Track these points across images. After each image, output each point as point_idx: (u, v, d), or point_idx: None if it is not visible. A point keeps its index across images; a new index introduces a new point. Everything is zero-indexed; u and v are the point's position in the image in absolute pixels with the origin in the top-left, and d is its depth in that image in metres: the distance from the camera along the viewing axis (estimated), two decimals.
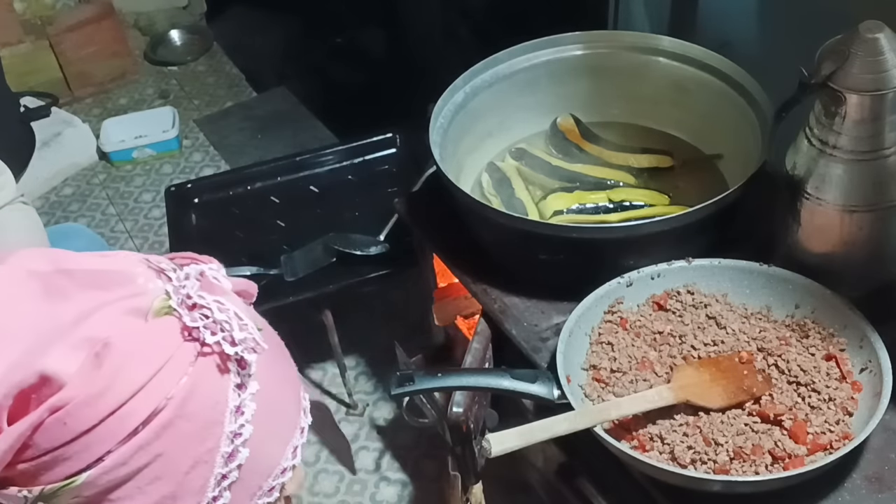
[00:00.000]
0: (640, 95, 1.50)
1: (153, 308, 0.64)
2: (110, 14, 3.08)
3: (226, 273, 0.72)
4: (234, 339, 0.64)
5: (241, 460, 0.65)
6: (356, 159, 2.09)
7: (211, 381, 0.64)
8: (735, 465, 1.00)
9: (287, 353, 0.75)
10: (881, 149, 1.05)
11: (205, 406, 0.63)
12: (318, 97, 2.92)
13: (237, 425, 0.65)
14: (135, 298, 0.63)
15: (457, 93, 1.44)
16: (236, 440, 0.65)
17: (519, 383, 1.10)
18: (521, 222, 1.26)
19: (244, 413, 0.65)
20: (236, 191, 2.05)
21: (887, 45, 1.01)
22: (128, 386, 0.60)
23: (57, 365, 0.58)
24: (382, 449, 1.93)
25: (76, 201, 2.74)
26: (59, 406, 0.58)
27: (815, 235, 1.14)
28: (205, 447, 0.63)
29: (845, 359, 1.09)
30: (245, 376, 0.65)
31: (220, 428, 0.64)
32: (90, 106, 3.10)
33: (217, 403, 0.64)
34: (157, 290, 0.65)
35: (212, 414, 0.64)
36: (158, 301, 0.64)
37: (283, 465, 0.70)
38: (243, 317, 0.65)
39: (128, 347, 0.60)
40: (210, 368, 0.64)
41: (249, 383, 0.66)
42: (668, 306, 1.18)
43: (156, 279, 0.66)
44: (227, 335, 0.64)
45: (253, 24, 3.13)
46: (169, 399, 0.61)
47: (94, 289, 0.63)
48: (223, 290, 0.67)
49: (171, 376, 0.62)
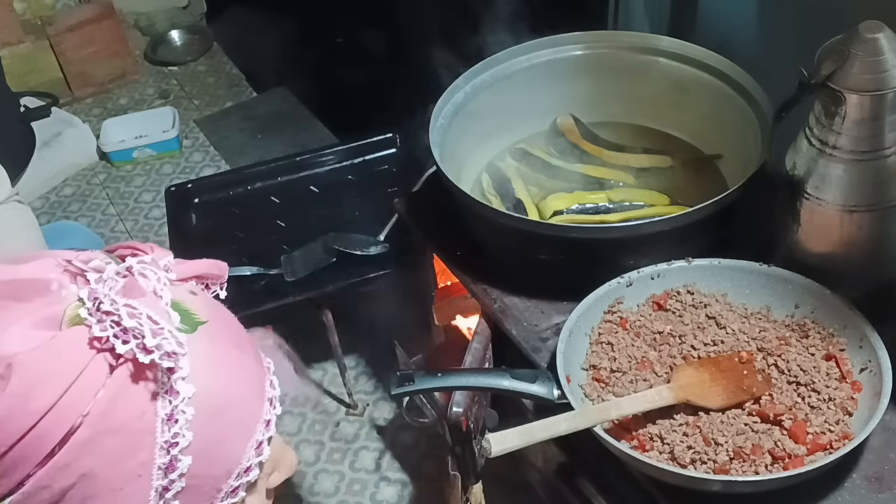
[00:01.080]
0: (640, 95, 1.50)
1: (66, 317, 0.60)
2: (110, 14, 3.09)
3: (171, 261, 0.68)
4: (146, 347, 0.59)
5: (183, 469, 0.62)
6: (356, 159, 2.09)
7: (132, 392, 0.60)
8: (735, 464, 1.00)
9: (246, 343, 0.70)
10: (881, 149, 1.05)
11: (129, 418, 0.60)
12: (318, 97, 2.92)
13: (171, 434, 0.61)
14: (48, 308, 0.60)
15: (457, 93, 1.44)
16: (172, 450, 0.61)
17: (519, 383, 1.10)
18: (521, 222, 1.26)
19: (178, 421, 0.61)
20: (236, 191, 2.05)
21: (887, 45, 1.01)
22: (36, 406, 0.56)
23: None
24: (382, 449, 1.94)
25: (76, 201, 2.74)
26: None
27: (815, 235, 1.14)
28: (137, 461, 0.60)
29: (845, 359, 1.09)
30: (176, 381, 0.61)
31: (151, 439, 0.60)
32: (90, 106, 3.10)
33: (144, 414, 0.60)
34: (71, 296, 0.61)
35: (139, 425, 0.60)
36: (71, 309, 0.60)
37: (244, 464, 0.66)
38: (158, 319, 0.60)
39: (32, 366, 0.57)
40: (129, 379, 0.60)
41: (182, 388, 0.61)
42: (668, 306, 1.18)
43: (69, 284, 0.62)
44: (139, 342, 0.59)
45: (253, 24, 3.13)
46: (85, 416, 0.58)
47: (12, 301, 0.59)
48: (141, 291, 0.62)
49: (84, 392, 0.58)
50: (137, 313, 0.60)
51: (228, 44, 3.31)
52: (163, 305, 0.63)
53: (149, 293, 0.62)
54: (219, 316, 0.69)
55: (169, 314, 0.63)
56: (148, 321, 0.60)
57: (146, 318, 0.60)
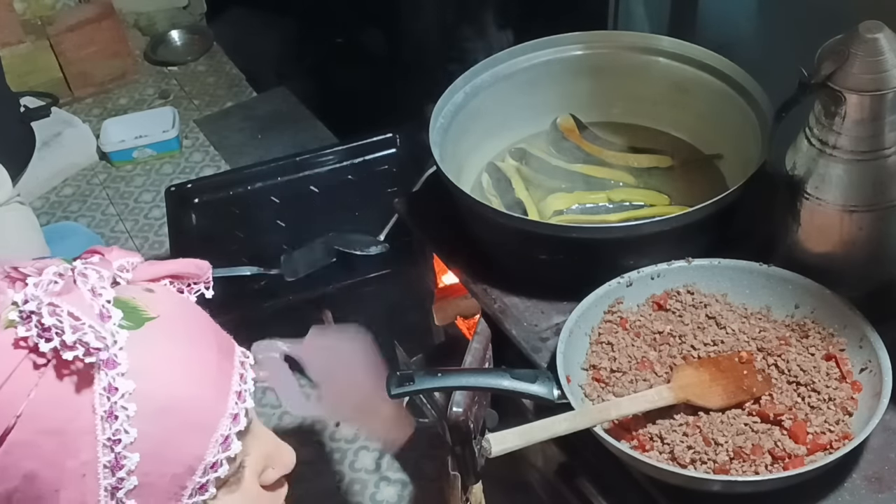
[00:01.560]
0: (640, 95, 1.50)
1: (2, 321, 0.60)
2: (110, 14, 3.08)
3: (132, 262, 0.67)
4: (65, 343, 0.58)
5: (131, 466, 0.61)
6: (356, 159, 2.09)
7: (66, 391, 0.59)
8: (735, 464, 1.00)
9: (207, 339, 0.68)
10: (881, 149, 1.05)
11: (65, 417, 0.59)
12: (318, 97, 2.92)
13: (112, 431, 0.60)
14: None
15: (457, 93, 1.44)
16: (116, 447, 0.60)
17: (519, 383, 1.10)
18: (521, 222, 1.26)
19: (118, 417, 0.60)
20: (236, 191, 2.05)
21: (887, 45, 1.01)
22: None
23: None
24: (382, 449, 1.93)
25: (76, 201, 2.74)
26: None
27: (815, 235, 1.14)
28: (78, 460, 0.59)
29: (845, 359, 1.09)
30: (114, 377, 0.60)
31: (91, 437, 0.60)
32: (90, 106, 3.10)
33: (80, 412, 0.59)
34: (6, 300, 0.61)
35: (77, 424, 0.59)
36: (5, 313, 0.61)
37: (209, 459, 0.64)
38: (80, 315, 0.59)
39: None
40: (60, 378, 0.59)
41: (121, 384, 0.60)
42: (668, 306, 1.18)
43: (7, 289, 0.62)
44: (60, 340, 0.58)
45: (253, 24, 3.13)
46: (18, 416, 0.57)
47: None
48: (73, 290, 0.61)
49: (15, 392, 0.58)
50: (59, 311, 0.59)
51: (228, 44, 3.31)
52: (96, 302, 0.62)
53: (84, 291, 0.62)
54: (176, 312, 0.68)
55: (105, 311, 0.62)
56: (68, 317, 0.59)
57: (66, 314, 0.59)
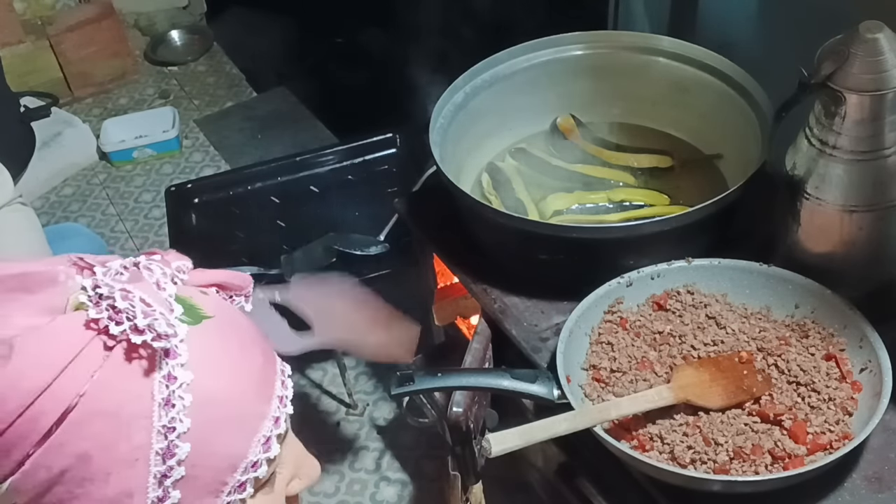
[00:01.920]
0: (640, 95, 1.50)
1: (70, 304, 0.62)
2: (110, 14, 3.08)
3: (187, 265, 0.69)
4: (137, 327, 0.60)
5: (182, 456, 0.61)
6: (356, 159, 2.09)
7: (127, 374, 0.60)
8: (735, 464, 1.00)
9: (256, 344, 0.70)
10: (881, 149, 1.05)
11: (124, 401, 0.60)
12: (318, 97, 2.92)
13: (168, 419, 0.61)
14: (53, 298, 0.62)
15: (457, 93, 1.44)
16: (170, 435, 0.61)
17: (519, 383, 1.10)
18: (521, 222, 1.26)
19: (175, 405, 0.61)
20: (236, 191, 2.05)
21: (887, 45, 1.01)
22: (34, 384, 0.57)
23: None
24: (382, 449, 1.93)
25: (76, 201, 2.74)
26: None
27: (815, 235, 1.14)
28: (132, 444, 0.60)
29: (845, 359, 1.09)
30: (174, 366, 0.62)
31: (147, 422, 0.60)
32: (90, 106, 3.10)
33: (140, 397, 0.60)
34: (76, 286, 0.63)
35: (134, 408, 0.60)
36: (73, 297, 0.62)
37: (251, 458, 0.65)
38: (151, 302, 0.61)
39: (31, 347, 0.58)
40: (125, 361, 0.60)
41: (180, 373, 0.62)
42: (668, 306, 1.18)
43: (75, 276, 0.63)
44: (132, 323, 0.60)
45: (253, 24, 3.13)
46: (81, 395, 0.58)
47: (19, 293, 0.61)
48: (142, 280, 0.63)
49: (79, 372, 0.59)
50: (131, 296, 0.61)
51: (228, 44, 3.31)
52: (164, 295, 0.64)
53: (150, 283, 0.64)
54: (228, 315, 0.70)
55: (170, 304, 0.64)
56: (140, 303, 0.60)
57: (139, 300, 0.61)
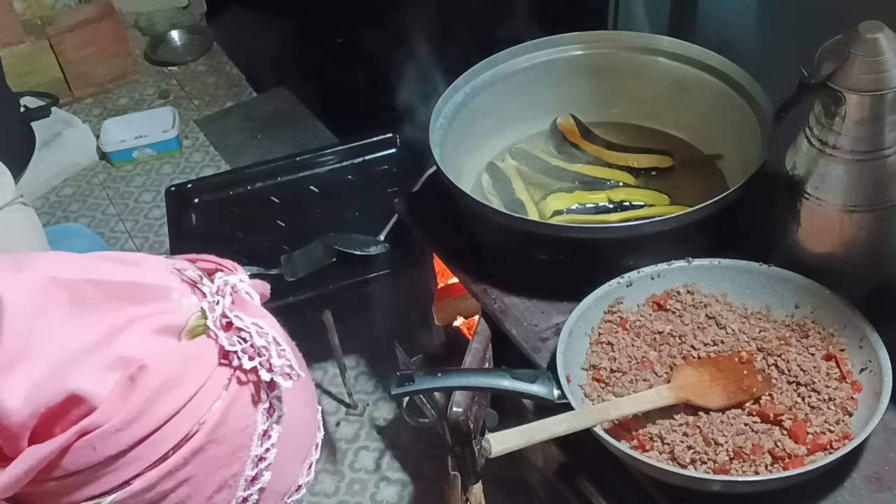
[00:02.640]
0: (640, 95, 1.50)
1: (188, 327, 0.61)
2: (110, 14, 3.08)
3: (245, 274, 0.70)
4: (271, 365, 0.62)
5: (264, 483, 0.64)
6: (356, 159, 2.09)
7: (242, 406, 0.62)
8: (735, 464, 1.00)
9: (306, 367, 0.72)
10: (881, 149, 1.05)
11: (235, 430, 0.61)
12: (318, 97, 2.91)
13: (263, 449, 0.63)
14: (168, 315, 0.61)
15: (457, 93, 1.44)
16: (260, 464, 0.63)
17: (519, 383, 1.10)
18: (521, 222, 1.26)
19: (271, 437, 0.64)
20: (236, 191, 2.04)
21: (887, 45, 1.01)
22: (162, 411, 0.57)
23: (88, 385, 0.55)
24: (382, 449, 1.93)
25: (76, 201, 2.74)
26: (90, 430, 0.55)
27: (815, 235, 1.14)
28: (231, 471, 0.62)
29: (845, 359, 1.09)
30: (274, 399, 0.64)
31: (246, 452, 0.62)
32: (90, 106, 3.10)
33: (247, 427, 0.62)
34: (192, 306, 0.62)
35: (241, 438, 0.62)
36: (193, 319, 0.62)
37: (298, 482, 0.69)
38: (281, 342, 0.63)
39: (164, 371, 0.58)
40: (243, 393, 0.62)
41: (279, 407, 0.64)
42: (668, 306, 1.18)
43: (190, 294, 0.63)
44: (264, 360, 0.61)
45: (253, 24, 3.13)
46: (202, 424, 0.59)
47: (125, 302, 0.60)
48: (258, 309, 0.64)
49: (205, 401, 0.60)
50: (265, 333, 0.62)
51: (228, 44, 3.31)
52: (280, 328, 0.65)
53: (264, 313, 0.65)
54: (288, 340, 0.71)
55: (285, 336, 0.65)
56: (273, 342, 0.62)
57: (272, 338, 0.62)
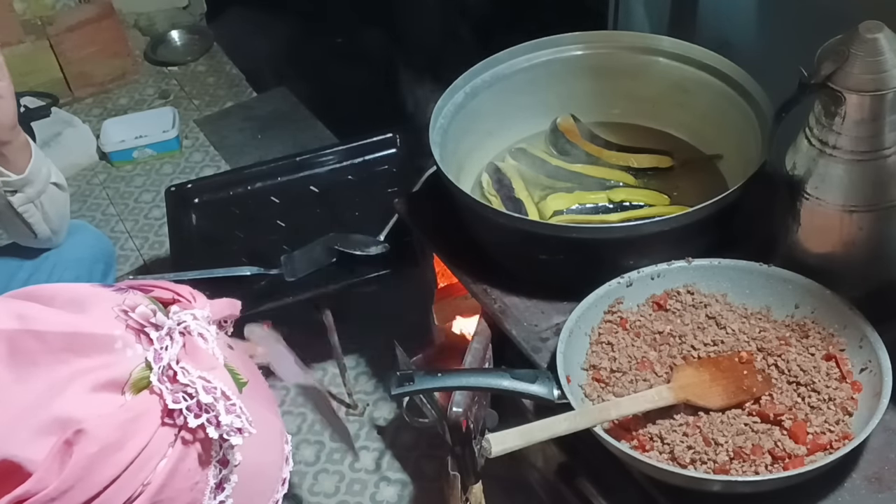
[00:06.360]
0: (640, 95, 1.50)
1: (131, 380, 0.58)
2: (110, 14, 3.08)
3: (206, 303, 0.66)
4: (219, 422, 0.58)
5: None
6: (356, 159, 2.09)
7: (190, 462, 0.59)
8: (735, 465, 1.00)
9: (270, 397, 0.69)
10: (881, 149, 1.05)
11: (184, 488, 0.59)
12: (318, 97, 2.91)
13: (217, 502, 0.61)
14: (111, 369, 0.58)
15: (457, 93, 1.44)
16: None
17: (519, 383, 1.10)
18: (521, 222, 1.26)
19: (225, 489, 0.61)
20: (236, 191, 2.04)
21: (887, 45, 1.01)
22: (101, 477, 0.55)
23: (23, 451, 0.53)
24: (382, 449, 1.93)
25: (76, 201, 2.73)
26: (23, 498, 0.53)
27: (815, 235, 1.14)
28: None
29: (845, 359, 1.09)
30: (228, 449, 0.61)
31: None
32: (90, 106, 3.10)
33: (197, 483, 0.60)
34: (136, 357, 0.60)
35: (192, 495, 0.60)
36: (137, 371, 0.59)
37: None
38: (231, 395, 0.60)
39: (103, 435, 0.55)
40: (190, 451, 0.59)
41: (234, 457, 0.61)
42: (668, 306, 1.18)
43: (135, 344, 0.60)
44: (211, 417, 0.58)
45: (253, 24, 3.13)
46: (146, 485, 0.57)
47: (67, 354, 0.57)
48: (207, 358, 0.61)
49: (148, 462, 0.57)
50: (212, 388, 0.59)
51: (228, 44, 3.31)
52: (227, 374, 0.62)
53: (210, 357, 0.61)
54: (253, 372, 0.69)
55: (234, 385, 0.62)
56: (222, 398, 0.59)
57: (220, 393, 0.59)
